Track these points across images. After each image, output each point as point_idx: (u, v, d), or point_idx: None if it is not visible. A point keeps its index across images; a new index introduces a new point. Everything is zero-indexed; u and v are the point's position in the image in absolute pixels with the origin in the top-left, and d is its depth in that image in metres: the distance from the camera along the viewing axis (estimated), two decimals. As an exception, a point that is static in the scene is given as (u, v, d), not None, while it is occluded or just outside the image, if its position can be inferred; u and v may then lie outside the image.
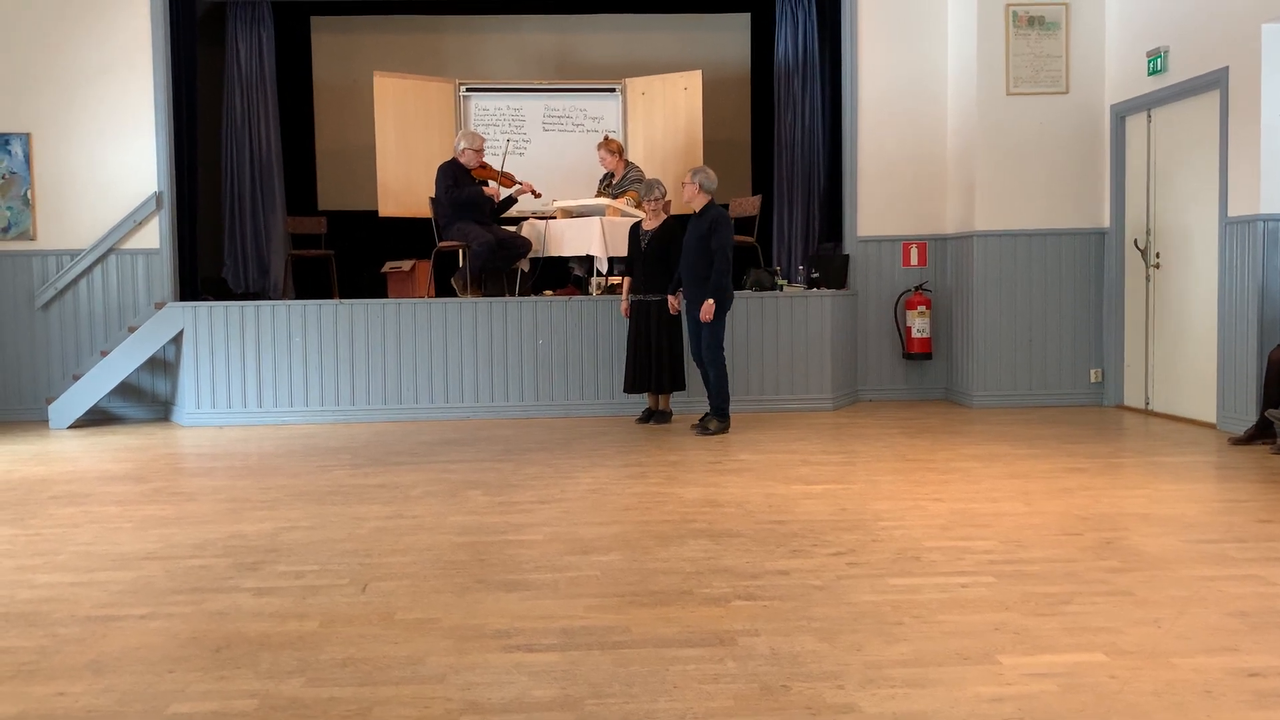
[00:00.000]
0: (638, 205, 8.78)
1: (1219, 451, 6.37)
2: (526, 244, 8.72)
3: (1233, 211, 7.01)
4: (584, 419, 8.11)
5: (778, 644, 3.12)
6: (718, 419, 7.29)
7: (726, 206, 9.58)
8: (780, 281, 8.77)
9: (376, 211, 9.82)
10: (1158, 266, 7.98)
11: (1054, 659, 2.98)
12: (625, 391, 7.79)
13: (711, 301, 7.08)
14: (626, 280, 7.77)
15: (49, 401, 8.27)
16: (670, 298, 7.43)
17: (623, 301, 7.78)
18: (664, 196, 7.66)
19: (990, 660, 2.97)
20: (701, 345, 7.29)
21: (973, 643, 3.11)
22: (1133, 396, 8.34)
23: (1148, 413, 8.07)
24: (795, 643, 3.13)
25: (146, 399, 8.68)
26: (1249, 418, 6.78)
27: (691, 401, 8.06)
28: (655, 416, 7.75)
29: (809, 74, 10.79)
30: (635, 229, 7.70)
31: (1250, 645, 3.07)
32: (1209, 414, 7.33)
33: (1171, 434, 7.07)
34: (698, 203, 7.28)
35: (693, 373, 7.69)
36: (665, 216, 7.63)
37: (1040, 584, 3.68)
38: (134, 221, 8.67)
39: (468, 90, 10.32)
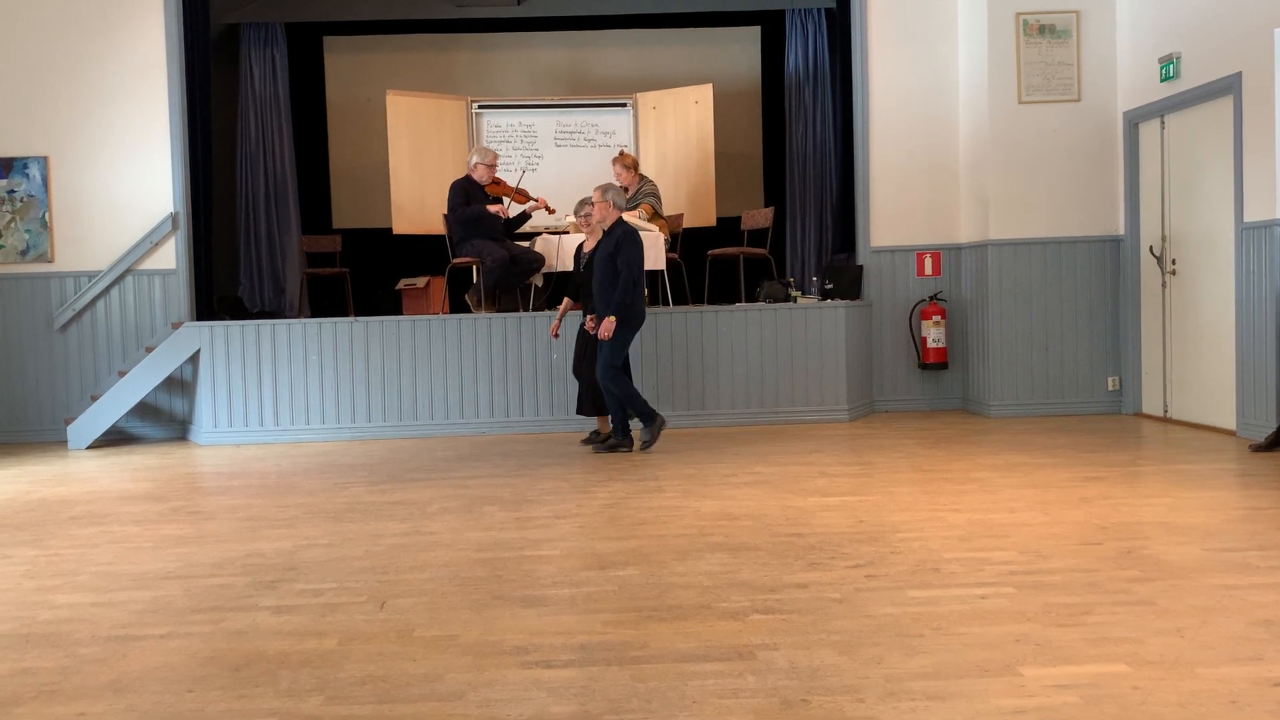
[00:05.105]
0: (651, 218, 8.80)
1: (1239, 459, 6.32)
2: (540, 259, 8.74)
3: (1249, 217, 6.98)
4: (599, 433, 8.10)
5: (797, 657, 3.10)
6: (644, 423, 7.00)
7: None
8: (794, 293, 8.76)
9: (391, 229, 9.88)
10: (1174, 273, 7.95)
11: (1076, 670, 2.96)
12: (578, 413, 7.51)
13: (611, 319, 6.81)
14: (565, 301, 7.59)
15: (68, 422, 8.32)
16: (588, 318, 7.19)
17: (555, 321, 7.57)
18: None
19: (1011, 672, 2.95)
20: (597, 361, 6.95)
21: (993, 654, 3.09)
22: (1151, 404, 8.29)
23: (1166, 420, 8.02)
24: (814, 656, 3.11)
25: (164, 419, 8.73)
26: (1269, 424, 6.73)
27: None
28: (599, 438, 7.41)
29: (820, 85, 10.82)
30: (578, 250, 7.52)
31: (1275, 654, 3.04)
32: (1228, 421, 7.28)
33: (1191, 441, 7.03)
34: (609, 220, 7.00)
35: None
36: (601, 235, 7.25)
37: (1061, 594, 3.65)
38: (150, 242, 8.72)
39: (480, 107, 10.37)
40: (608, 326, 6.83)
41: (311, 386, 8.22)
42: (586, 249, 7.39)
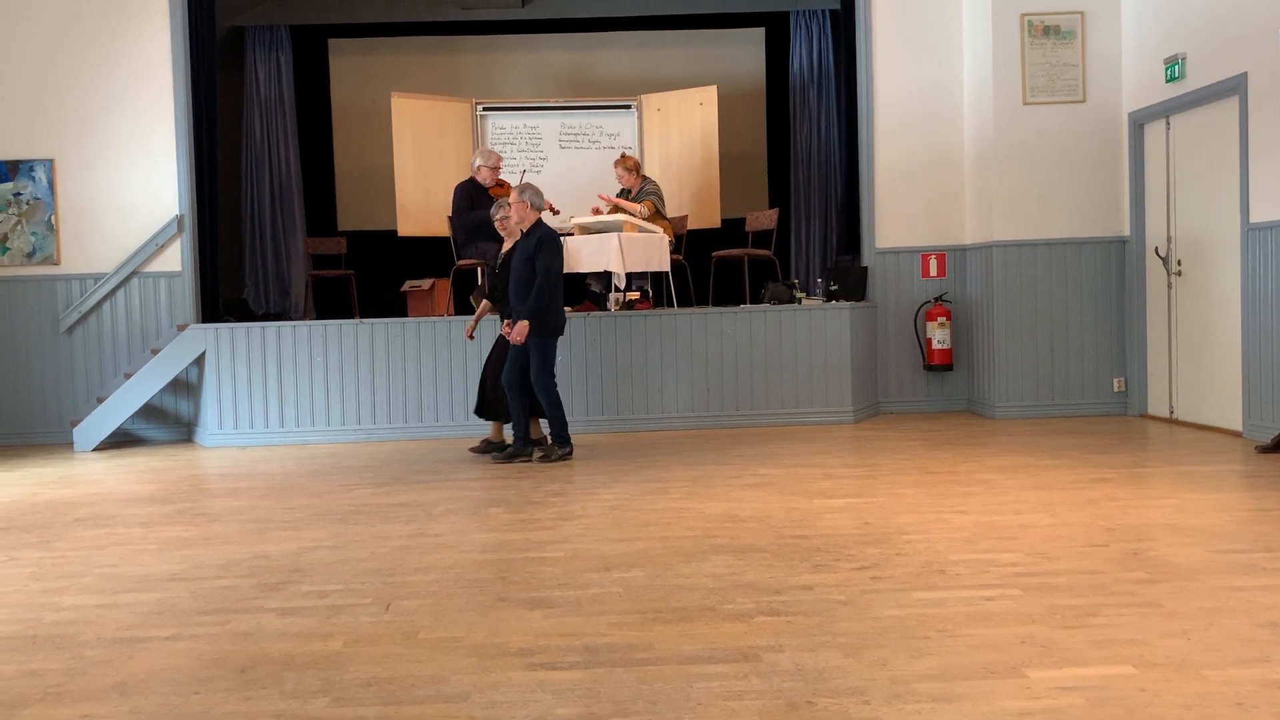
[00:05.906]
0: (653, 216, 8.80)
1: (1245, 460, 6.31)
2: (545, 261, 8.73)
3: (1254, 218, 6.97)
4: (602, 435, 8.11)
5: (802, 659, 3.10)
6: (559, 446, 6.89)
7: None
8: (799, 294, 8.76)
9: (396, 231, 9.89)
10: (1179, 274, 7.93)
11: (1082, 672, 2.95)
12: (475, 413, 7.31)
13: (525, 323, 6.59)
14: (483, 304, 7.40)
15: (74, 424, 8.33)
16: (505, 322, 7.06)
17: (470, 323, 7.37)
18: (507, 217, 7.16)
19: (1017, 674, 2.95)
20: (530, 372, 6.74)
21: (999, 656, 3.08)
22: (1157, 405, 8.28)
23: (1172, 421, 8.00)
24: (820, 658, 3.11)
25: (170, 420, 8.74)
26: (1275, 425, 6.72)
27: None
28: (494, 448, 7.15)
29: (824, 87, 10.83)
30: (498, 252, 7.37)
31: (1281, 656, 3.04)
32: (1234, 422, 7.27)
33: (1197, 443, 7.01)
34: (527, 222, 6.82)
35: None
36: (519, 237, 7.06)
37: (1067, 596, 3.65)
38: (156, 245, 8.74)
39: (485, 110, 10.38)
40: (521, 330, 6.63)
41: (317, 388, 8.23)
42: (504, 251, 7.22)
